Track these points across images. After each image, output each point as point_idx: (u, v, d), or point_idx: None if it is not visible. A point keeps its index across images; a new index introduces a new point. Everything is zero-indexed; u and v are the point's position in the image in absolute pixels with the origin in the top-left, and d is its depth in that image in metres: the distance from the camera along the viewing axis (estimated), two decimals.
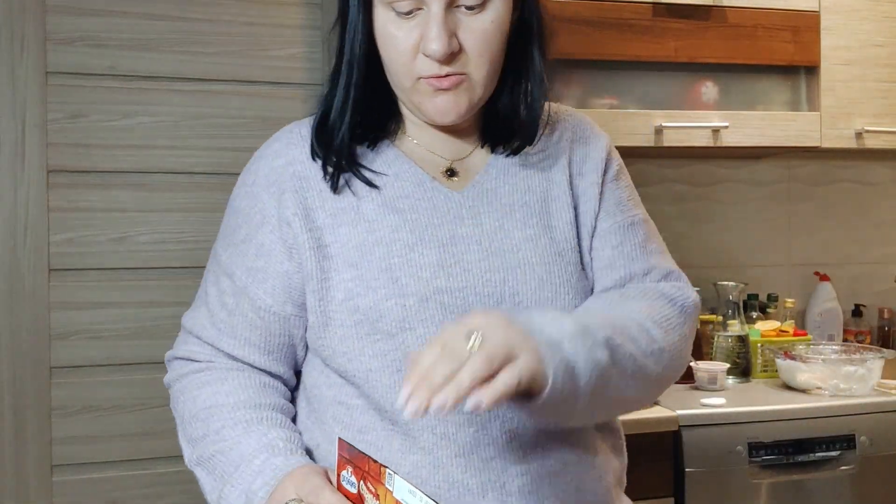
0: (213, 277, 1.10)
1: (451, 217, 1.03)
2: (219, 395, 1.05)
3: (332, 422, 1.04)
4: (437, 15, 0.95)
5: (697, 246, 2.56)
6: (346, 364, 1.01)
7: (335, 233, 1.02)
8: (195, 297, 1.13)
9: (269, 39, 1.87)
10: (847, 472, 1.93)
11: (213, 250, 1.12)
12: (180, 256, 1.83)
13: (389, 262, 1.00)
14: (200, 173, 1.84)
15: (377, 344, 0.99)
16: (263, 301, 1.04)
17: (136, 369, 1.80)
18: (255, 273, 1.05)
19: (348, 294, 1.00)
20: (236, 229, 1.08)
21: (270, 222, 1.04)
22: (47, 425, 1.75)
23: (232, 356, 1.07)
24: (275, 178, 1.06)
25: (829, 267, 2.63)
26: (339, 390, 1.04)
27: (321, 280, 1.02)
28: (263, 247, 1.05)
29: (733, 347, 2.20)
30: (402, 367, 0.98)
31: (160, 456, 1.81)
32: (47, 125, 1.75)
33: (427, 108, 1.01)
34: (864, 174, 2.70)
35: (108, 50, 1.78)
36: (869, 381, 2.02)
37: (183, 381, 1.10)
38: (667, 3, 2.13)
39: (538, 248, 1.04)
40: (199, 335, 1.09)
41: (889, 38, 2.30)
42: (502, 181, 1.07)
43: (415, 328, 0.98)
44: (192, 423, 1.05)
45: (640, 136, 2.13)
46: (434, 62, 0.96)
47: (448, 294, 0.99)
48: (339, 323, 1.01)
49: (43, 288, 1.75)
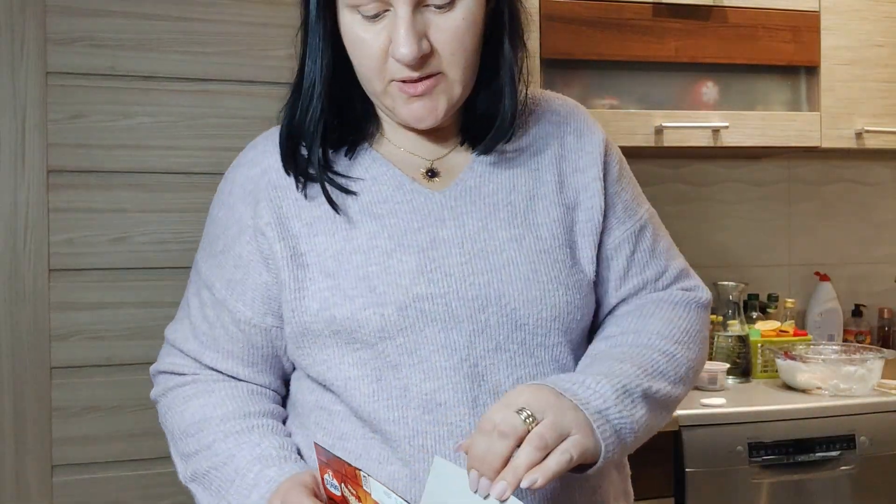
0: (195, 289, 1.08)
1: (433, 220, 1.00)
2: (206, 407, 1.03)
3: (314, 427, 1.03)
4: (404, 17, 0.91)
5: (697, 246, 2.56)
6: (325, 373, 1.00)
7: (311, 242, 1.00)
8: (178, 309, 1.12)
9: (269, 40, 1.87)
10: (847, 472, 1.93)
11: (194, 261, 1.11)
12: (180, 257, 1.83)
13: (367, 270, 0.97)
14: (200, 173, 1.84)
15: (356, 353, 0.97)
16: (243, 313, 1.03)
17: (136, 370, 1.80)
18: (234, 285, 1.03)
19: (324, 304, 0.97)
20: (215, 240, 1.06)
21: (247, 233, 1.02)
22: (47, 426, 1.75)
23: (215, 369, 1.06)
24: (251, 187, 1.03)
25: (829, 267, 2.63)
26: (321, 395, 1.02)
27: (296, 290, 0.99)
28: (241, 258, 1.02)
29: (733, 347, 2.20)
30: (382, 375, 0.96)
31: (161, 456, 1.80)
32: (47, 125, 1.75)
33: (402, 114, 0.98)
34: (865, 174, 2.70)
35: (109, 50, 1.78)
36: (869, 381, 2.02)
37: (169, 396, 1.08)
38: (667, 4, 2.13)
39: (523, 248, 1.00)
40: (181, 348, 1.08)
41: (889, 38, 2.30)
42: (486, 179, 1.03)
43: (394, 337, 0.96)
44: (183, 440, 1.04)
45: (640, 136, 2.13)
46: (404, 66, 0.93)
47: (429, 301, 0.96)
48: (317, 333, 0.99)
49: (43, 288, 1.75)
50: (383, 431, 0.97)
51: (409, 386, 0.96)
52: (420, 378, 0.96)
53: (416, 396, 0.96)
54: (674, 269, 1.13)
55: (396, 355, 0.96)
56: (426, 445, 0.95)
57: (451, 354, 0.96)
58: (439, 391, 0.96)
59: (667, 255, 1.13)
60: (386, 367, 0.97)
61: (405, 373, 0.96)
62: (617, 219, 1.08)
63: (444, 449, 0.95)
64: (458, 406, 0.95)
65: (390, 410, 0.96)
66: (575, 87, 2.16)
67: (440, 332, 0.96)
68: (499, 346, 0.97)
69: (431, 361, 0.96)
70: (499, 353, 0.97)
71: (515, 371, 0.98)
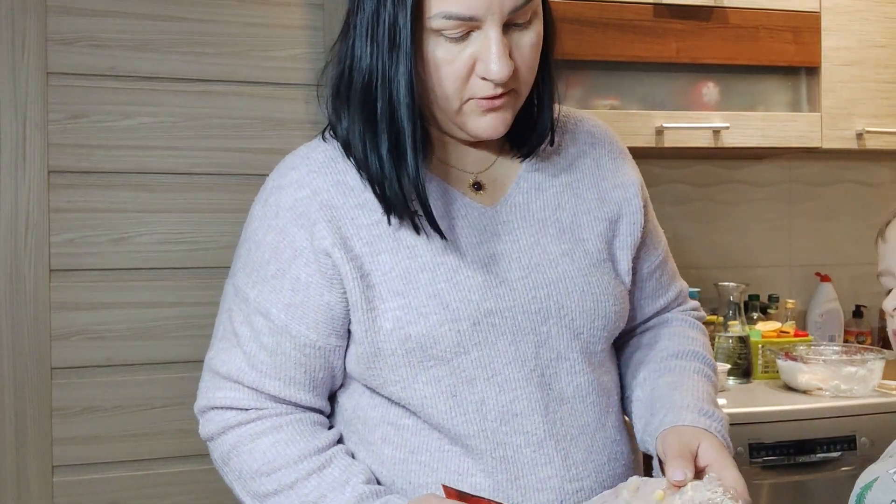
0: (242, 317, 1.03)
1: (489, 235, 1.02)
2: (279, 445, 1.00)
3: (381, 443, 1.02)
4: (496, 38, 0.92)
5: (698, 246, 2.56)
6: (399, 392, 1.00)
7: (375, 261, 0.99)
8: (216, 338, 1.07)
9: (270, 40, 1.87)
10: (848, 473, 1.93)
11: (232, 286, 1.06)
12: (181, 257, 1.83)
13: (436, 287, 0.98)
14: (201, 174, 1.84)
15: (430, 370, 0.99)
16: (307, 337, 1.00)
17: (136, 370, 1.80)
18: (294, 309, 1.00)
19: (398, 323, 0.98)
20: (264, 265, 1.02)
21: (304, 255, 1.00)
22: (48, 426, 1.75)
23: (278, 398, 1.03)
24: (302, 209, 1.01)
25: (829, 268, 2.62)
26: (387, 410, 1.03)
27: (367, 311, 0.99)
28: (299, 280, 1.00)
29: (734, 348, 2.20)
30: (458, 391, 0.99)
31: (161, 457, 1.81)
32: (48, 126, 1.75)
33: (473, 127, 0.99)
34: (865, 175, 2.70)
35: (109, 50, 1.78)
36: (870, 381, 2.02)
37: (232, 434, 1.03)
38: (668, 4, 2.13)
39: (574, 262, 1.05)
40: (238, 380, 1.03)
41: (890, 39, 2.30)
42: (533, 197, 1.07)
43: (469, 352, 0.98)
44: (256, 479, 1.01)
45: (641, 136, 2.13)
46: (489, 83, 0.94)
47: (497, 315, 0.99)
48: (390, 352, 0.99)
49: (44, 288, 1.75)
50: (464, 445, 0.99)
51: (486, 399, 0.99)
52: (496, 391, 0.99)
53: (492, 409, 0.99)
54: (682, 291, 1.24)
55: (472, 369, 0.99)
56: (506, 456, 0.99)
57: (522, 366, 1.00)
58: (515, 402, 1.00)
59: (677, 277, 1.24)
60: (461, 382, 0.99)
61: (480, 387, 0.99)
62: (649, 245, 1.16)
63: (522, 458, 0.99)
64: (532, 415, 1.00)
65: (469, 424, 0.99)
66: (576, 88, 2.15)
67: (510, 345, 1.00)
68: (560, 355, 1.02)
69: (505, 374, 1.00)
70: (560, 361, 1.03)
71: (575, 378, 1.04)
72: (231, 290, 1.06)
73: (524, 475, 0.99)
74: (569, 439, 1.01)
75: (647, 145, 2.13)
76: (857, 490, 1.00)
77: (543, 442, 1.00)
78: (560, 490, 1.00)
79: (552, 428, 1.01)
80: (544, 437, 1.00)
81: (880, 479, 0.97)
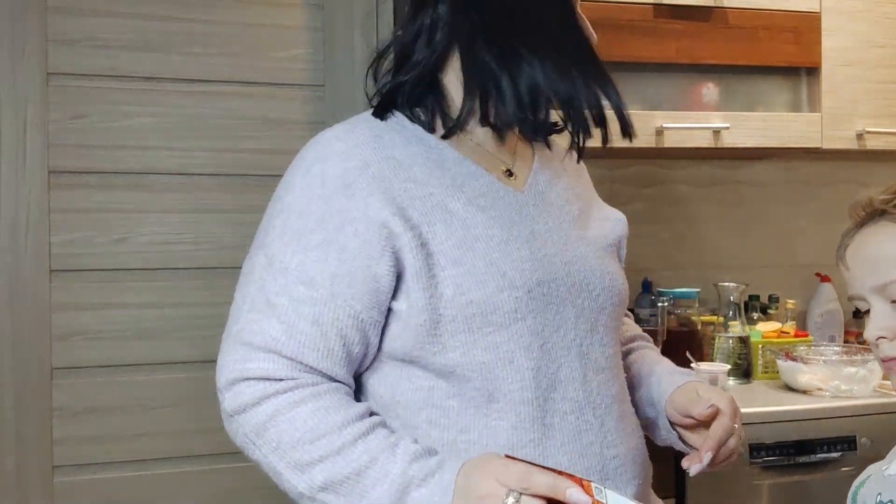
0: (279, 287, 1.01)
1: (524, 215, 1.10)
2: (319, 412, 0.98)
3: (426, 426, 1.03)
4: None
5: (698, 247, 2.56)
6: (457, 358, 1.01)
7: (431, 231, 1.02)
8: (241, 311, 1.03)
9: (270, 41, 1.87)
10: (848, 473, 1.93)
11: (264, 257, 1.04)
12: (182, 257, 1.83)
13: (491, 256, 1.03)
14: (202, 174, 1.84)
15: (489, 337, 1.02)
16: (352, 307, 1.00)
17: (137, 370, 1.80)
18: (341, 279, 1.00)
19: (458, 289, 1.01)
20: (307, 233, 1.01)
21: (354, 224, 1.00)
22: (48, 426, 1.75)
23: (316, 369, 1.01)
24: (350, 179, 1.02)
25: (830, 268, 2.62)
26: (429, 393, 1.03)
27: (428, 278, 1.01)
28: (346, 250, 1.00)
29: (734, 348, 2.20)
30: (514, 357, 1.02)
31: (162, 457, 1.81)
32: (48, 126, 1.75)
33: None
34: (865, 175, 2.70)
35: (110, 51, 1.78)
36: (870, 382, 2.02)
37: (268, 405, 0.99)
38: (668, 5, 2.13)
39: (590, 245, 1.14)
40: (275, 349, 1.00)
41: (890, 39, 2.30)
42: (550, 187, 1.17)
43: (525, 318, 1.03)
44: (300, 448, 0.98)
45: (641, 136, 2.10)
46: None
47: (545, 286, 1.05)
48: (450, 318, 1.01)
49: (44, 289, 1.75)
50: (514, 414, 1.02)
51: (540, 366, 1.04)
52: (547, 358, 1.05)
53: (545, 375, 1.04)
54: None
55: (528, 336, 1.03)
56: (554, 423, 1.04)
57: (565, 335, 1.07)
58: (561, 370, 1.06)
59: None
60: (518, 348, 1.03)
61: (535, 354, 1.04)
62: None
63: (567, 424, 1.04)
64: (574, 382, 1.06)
65: (524, 391, 1.03)
66: None
67: (556, 315, 1.06)
68: (592, 327, 1.10)
69: (553, 342, 1.05)
70: (593, 333, 1.10)
71: (605, 350, 1.11)
72: (263, 260, 1.03)
73: (570, 441, 1.04)
74: (603, 408, 1.08)
75: (647, 145, 2.14)
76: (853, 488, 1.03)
77: (584, 409, 1.06)
78: (600, 456, 1.05)
79: (588, 396, 1.07)
80: (584, 404, 1.06)
81: (872, 476, 1.00)
